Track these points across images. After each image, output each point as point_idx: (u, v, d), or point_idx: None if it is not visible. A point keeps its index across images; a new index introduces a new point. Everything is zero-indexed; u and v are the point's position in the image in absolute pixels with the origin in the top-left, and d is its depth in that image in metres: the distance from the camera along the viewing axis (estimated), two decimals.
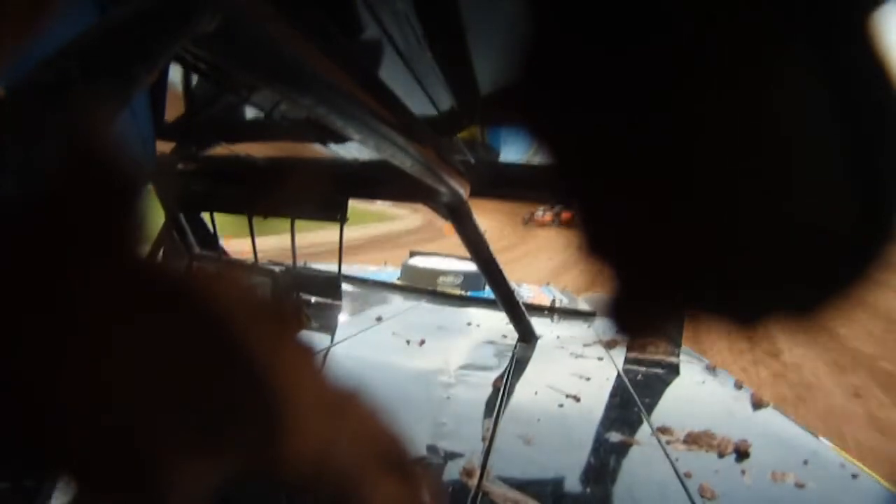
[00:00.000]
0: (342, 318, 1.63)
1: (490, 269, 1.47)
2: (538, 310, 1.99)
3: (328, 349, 1.23)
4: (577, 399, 1.04)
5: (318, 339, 1.33)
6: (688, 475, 0.73)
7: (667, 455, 0.80)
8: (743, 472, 0.76)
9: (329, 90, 0.57)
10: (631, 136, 0.16)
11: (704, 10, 0.14)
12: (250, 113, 1.02)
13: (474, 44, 0.63)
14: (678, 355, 1.40)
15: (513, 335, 1.53)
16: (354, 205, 1.39)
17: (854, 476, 0.77)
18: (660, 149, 0.16)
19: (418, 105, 0.83)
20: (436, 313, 1.89)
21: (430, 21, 0.58)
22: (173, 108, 0.98)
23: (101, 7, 0.36)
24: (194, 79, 0.91)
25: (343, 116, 0.62)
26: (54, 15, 0.26)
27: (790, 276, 0.16)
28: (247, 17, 0.41)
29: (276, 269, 1.68)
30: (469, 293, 2.73)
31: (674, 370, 1.32)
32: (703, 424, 0.91)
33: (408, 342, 1.36)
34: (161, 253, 1.61)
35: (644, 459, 0.79)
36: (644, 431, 0.89)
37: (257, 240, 1.49)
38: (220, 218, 1.59)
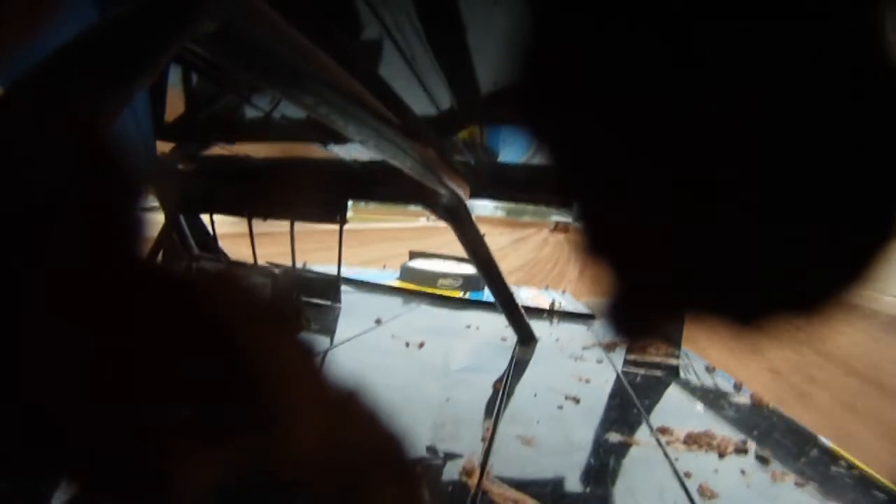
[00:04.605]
0: (342, 320, 1.62)
1: (489, 272, 1.47)
2: (537, 312, 1.99)
3: (327, 351, 1.23)
4: (577, 400, 1.04)
5: (317, 341, 1.33)
6: (688, 475, 0.73)
7: (666, 455, 0.80)
8: (743, 472, 0.76)
9: (329, 90, 0.57)
10: (630, 136, 0.16)
11: (705, 7, 0.14)
12: (250, 113, 1.02)
13: (474, 43, 0.63)
14: (678, 357, 1.40)
15: (512, 337, 1.53)
16: None
17: (854, 476, 0.77)
18: (659, 148, 0.16)
19: (418, 104, 0.83)
20: (435, 316, 1.88)
21: (430, 20, 0.58)
22: (173, 108, 0.98)
23: (101, 7, 0.36)
24: (194, 79, 0.91)
25: (344, 116, 0.62)
26: (54, 15, 0.26)
27: (790, 276, 0.16)
28: (247, 16, 0.41)
29: (276, 270, 1.68)
30: (468, 295, 2.73)
31: (673, 371, 1.32)
32: (703, 425, 0.91)
33: (407, 344, 1.36)
34: (161, 254, 1.61)
35: (644, 460, 0.79)
36: (644, 432, 0.89)
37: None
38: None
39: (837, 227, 0.15)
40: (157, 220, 1.54)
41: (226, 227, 1.69)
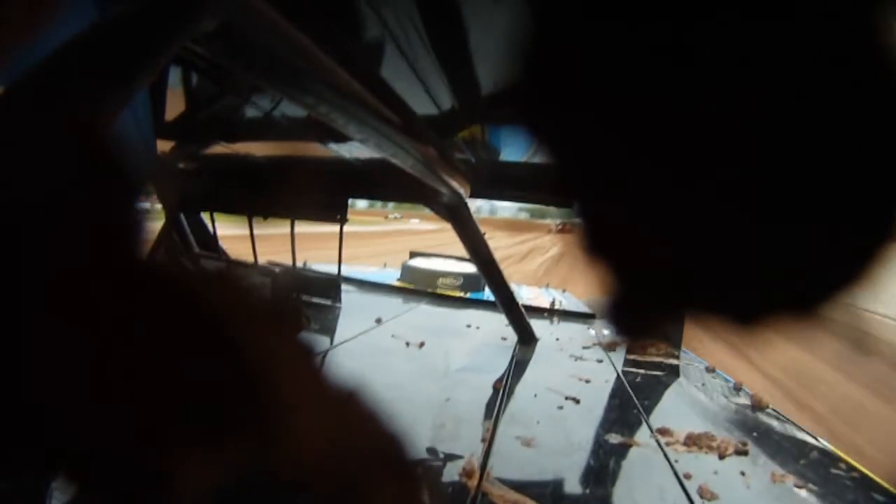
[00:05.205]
0: (342, 319, 1.62)
1: (489, 271, 1.47)
2: (538, 312, 1.99)
3: (327, 351, 1.23)
4: (577, 401, 1.03)
5: (317, 340, 1.33)
6: (688, 476, 0.73)
7: (666, 456, 0.80)
8: (743, 473, 0.76)
9: (330, 89, 0.57)
10: (630, 136, 0.16)
11: (705, 7, 0.14)
12: (250, 112, 1.02)
13: (476, 43, 0.63)
14: (678, 357, 1.40)
15: (512, 337, 1.53)
16: None
17: (854, 476, 0.77)
18: (659, 148, 0.16)
19: (419, 104, 0.83)
20: (435, 315, 1.88)
21: (431, 20, 0.58)
22: (173, 108, 0.98)
23: (101, 7, 0.36)
24: (194, 79, 0.91)
25: (344, 115, 0.62)
26: (54, 15, 0.26)
27: (789, 276, 0.16)
28: (247, 16, 0.41)
29: (276, 269, 1.68)
30: (469, 295, 2.73)
31: (673, 372, 1.32)
32: (703, 426, 0.90)
33: (407, 344, 1.36)
34: (161, 253, 1.61)
35: (644, 461, 0.79)
36: (644, 433, 0.89)
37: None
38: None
39: (837, 227, 0.15)
40: (157, 219, 1.54)
41: (226, 228, 1.69)
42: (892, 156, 0.14)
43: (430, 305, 2.04)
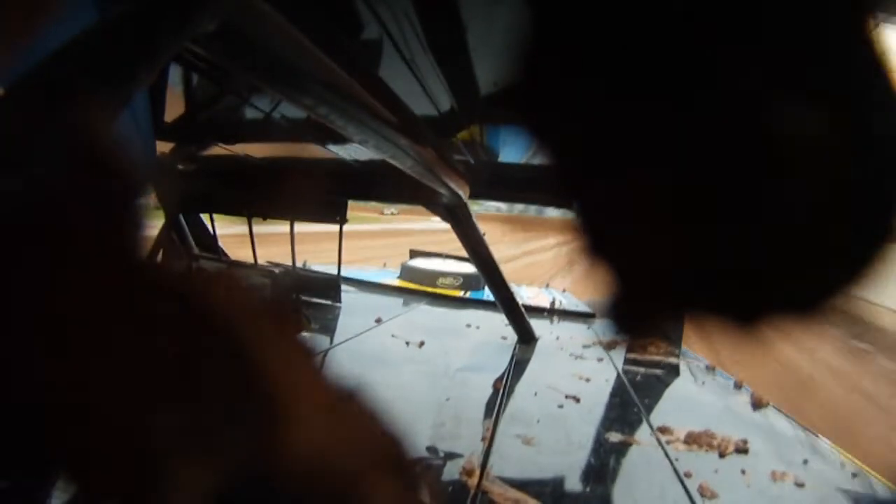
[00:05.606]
0: (342, 319, 1.62)
1: (489, 271, 1.47)
2: (537, 311, 1.99)
3: (328, 350, 1.23)
4: (577, 399, 1.04)
5: (317, 340, 1.33)
6: (688, 475, 0.73)
7: (667, 455, 0.80)
8: (743, 471, 0.76)
9: (329, 90, 0.57)
10: (630, 136, 0.16)
11: (705, 8, 0.14)
12: (250, 113, 1.02)
13: (474, 43, 0.63)
14: (678, 356, 1.40)
15: (512, 336, 1.53)
16: None
17: (854, 475, 0.78)
18: (660, 149, 0.16)
19: (418, 105, 0.83)
20: (435, 315, 1.88)
21: (430, 21, 0.58)
22: (173, 108, 0.98)
23: (101, 7, 0.36)
24: (194, 79, 0.91)
25: (344, 116, 0.62)
26: (54, 15, 0.26)
27: (790, 276, 0.16)
28: (247, 17, 0.41)
29: (276, 270, 1.68)
30: (469, 294, 2.73)
31: (673, 370, 1.32)
32: (703, 424, 0.91)
33: (407, 344, 1.36)
34: (161, 254, 1.61)
35: (644, 459, 0.79)
36: (644, 431, 0.89)
37: None
38: None
39: (837, 227, 0.15)
40: (156, 221, 1.54)
41: (226, 229, 1.69)
42: (892, 156, 0.14)
43: (430, 305, 2.04)
